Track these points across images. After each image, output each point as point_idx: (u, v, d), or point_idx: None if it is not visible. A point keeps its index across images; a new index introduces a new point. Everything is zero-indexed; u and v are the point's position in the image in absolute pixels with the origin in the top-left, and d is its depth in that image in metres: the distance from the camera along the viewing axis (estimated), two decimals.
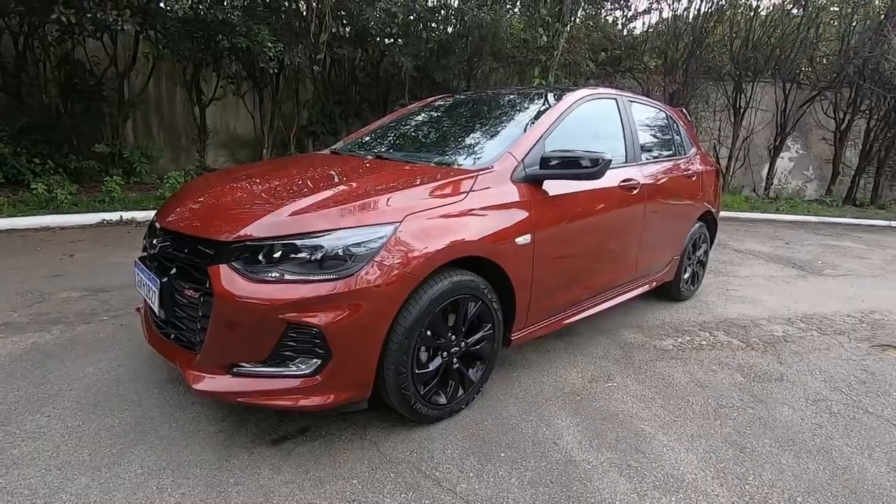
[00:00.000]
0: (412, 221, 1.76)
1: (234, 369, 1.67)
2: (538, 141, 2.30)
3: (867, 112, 10.74)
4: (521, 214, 2.11)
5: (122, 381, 2.19)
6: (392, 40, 8.02)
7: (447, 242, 1.81)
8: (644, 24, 11.22)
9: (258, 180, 2.11)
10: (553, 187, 2.27)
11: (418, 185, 1.93)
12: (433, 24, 8.23)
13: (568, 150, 2.17)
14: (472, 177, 2.04)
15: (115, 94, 7.10)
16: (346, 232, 1.65)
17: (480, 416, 2.07)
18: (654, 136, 3.30)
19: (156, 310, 1.84)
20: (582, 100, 2.67)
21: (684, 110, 3.80)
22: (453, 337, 1.95)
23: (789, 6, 10.07)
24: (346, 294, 1.60)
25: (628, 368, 2.60)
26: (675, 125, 3.56)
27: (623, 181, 2.72)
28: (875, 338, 3.25)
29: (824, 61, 10.74)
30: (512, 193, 2.11)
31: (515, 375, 2.44)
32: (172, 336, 1.89)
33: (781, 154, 11.23)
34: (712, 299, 3.89)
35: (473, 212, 1.95)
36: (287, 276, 1.60)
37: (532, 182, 2.20)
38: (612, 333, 3.05)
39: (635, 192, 2.80)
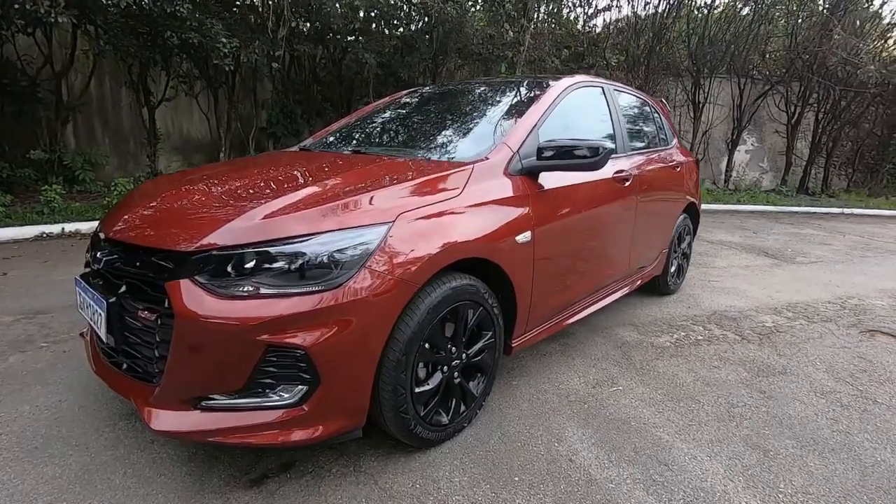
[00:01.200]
0: (406, 221, 1.54)
1: (203, 403, 1.40)
2: (532, 130, 2.13)
3: (815, 105, 11.22)
4: (520, 210, 1.92)
5: (65, 419, 1.87)
6: (354, 38, 7.73)
7: (446, 243, 1.60)
8: (605, 20, 11.35)
9: (218, 181, 1.84)
10: (548, 180, 2.09)
11: (410, 179, 1.72)
12: (395, 22, 8.00)
13: (566, 140, 2.00)
14: (467, 170, 1.84)
15: (52, 95, 6.51)
16: (330, 236, 1.42)
17: (485, 434, 1.87)
18: (639, 127, 3.20)
19: (102, 335, 1.55)
20: (571, 87, 2.52)
21: (663, 101, 3.74)
22: (453, 349, 1.75)
23: (740, 4, 10.38)
24: (333, 308, 1.37)
25: (630, 370, 2.46)
26: (656, 115, 3.48)
27: (616, 172, 2.58)
28: (861, 323, 3.25)
29: (775, 56, 11.15)
30: (509, 187, 1.92)
31: (516, 384, 2.26)
32: (125, 366, 1.60)
33: (738, 147, 11.57)
34: (697, 292, 3.84)
35: (472, 208, 1.75)
36: (263, 290, 1.36)
37: (528, 175, 2.02)
38: (607, 332, 2.92)
39: (627, 183, 2.67)
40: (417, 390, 1.63)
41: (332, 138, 2.71)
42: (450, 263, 1.62)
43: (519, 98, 2.47)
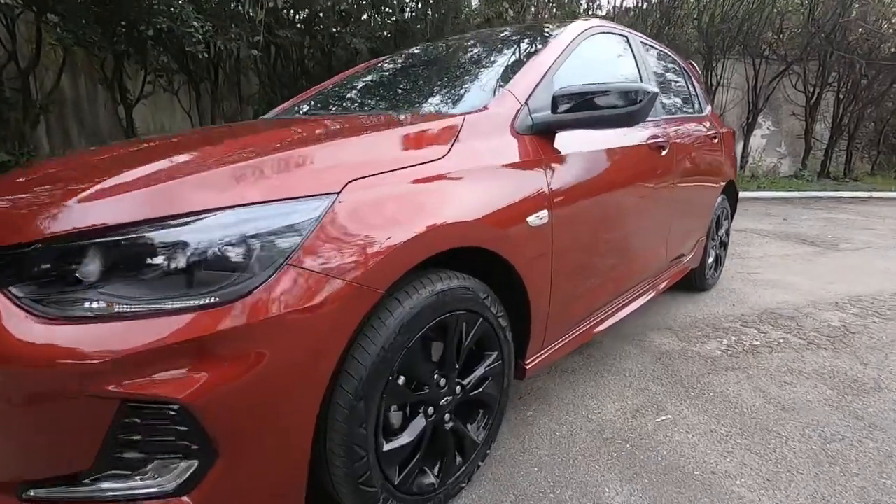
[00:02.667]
0: (360, 192, 1.00)
1: (30, 494, 0.87)
2: (545, 76, 1.58)
3: (835, 85, 10.58)
4: (532, 181, 1.38)
5: None
6: (342, 25, 7.21)
7: (426, 227, 1.06)
8: (608, 2, 10.77)
9: (90, 158, 1.29)
10: (567, 143, 1.55)
11: (369, 133, 1.18)
12: (388, 10, 7.47)
13: (589, 85, 1.46)
14: (455, 121, 1.30)
15: (19, 94, 6.04)
16: (232, 214, 0.88)
17: (493, 498, 1.33)
18: (672, 88, 2.64)
19: None
20: (589, 32, 1.97)
21: (694, 63, 3.19)
22: (442, 380, 1.21)
23: None
24: (235, 333, 0.83)
25: (677, 390, 1.91)
26: (688, 77, 2.92)
27: (651, 139, 2.04)
28: None
29: (791, 34, 10.52)
30: (516, 149, 1.38)
31: (531, 417, 1.71)
32: None
33: (754, 132, 10.95)
34: (738, 286, 3.27)
35: (463, 176, 1.21)
36: (120, 308, 0.82)
37: (541, 135, 1.48)
38: (639, 340, 2.37)
39: (664, 153, 2.12)
40: (387, 447, 1.09)
41: (294, 109, 2.18)
42: (432, 257, 1.09)
43: (524, 45, 1.93)
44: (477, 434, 1.35)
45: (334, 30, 7.21)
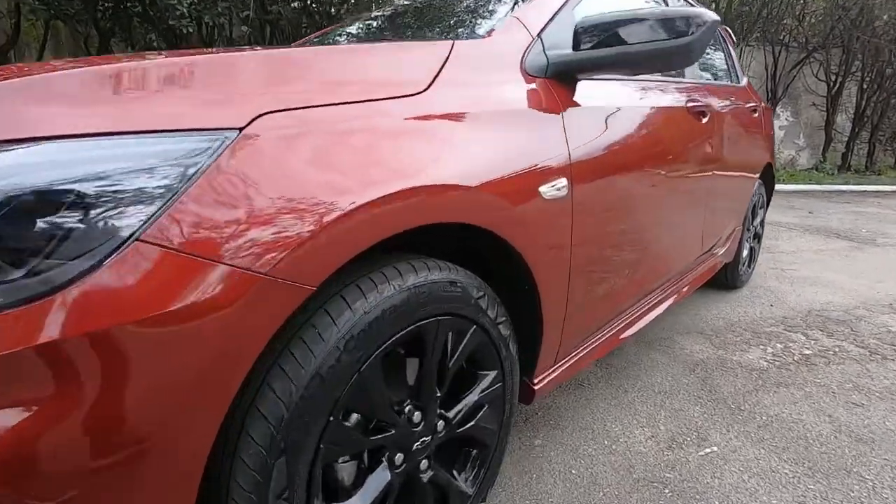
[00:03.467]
0: (278, 131, 0.64)
1: None
2: (565, 5, 1.20)
3: (858, 74, 10.08)
4: (547, 138, 1.01)
5: None
6: (339, 9, 6.81)
7: (385, 190, 0.70)
8: None
9: None
10: (591, 95, 1.18)
11: (309, 56, 0.81)
12: None
13: (621, 11, 1.08)
14: (441, 48, 0.93)
15: None
16: (56, 149, 0.52)
17: None
18: (707, 53, 2.25)
19: None
20: None
21: (728, 29, 2.80)
22: (416, 414, 0.84)
23: None
24: (43, 352, 0.47)
25: (721, 411, 1.54)
26: (725, 43, 2.53)
27: (690, 102, 1.66)
28: None
29: (813, 19, 10.03)
30: (525, 94, 1.01)
31: (540, 447, 1.35)
32: None
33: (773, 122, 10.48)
34: (773, 283, 2.89)
35: (449, 120, 0.84)
36: None
37: (558, 80, 1.11)
38: (666, 346, 2.00)
39: (704, 120, 1.74)
40: None
41: None
42: (398, 236, 0.73)
43: None
44: (468, 482, 0.99)
45: (332, 10, 6.82)
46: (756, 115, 2.44)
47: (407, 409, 0.84)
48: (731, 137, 2.01)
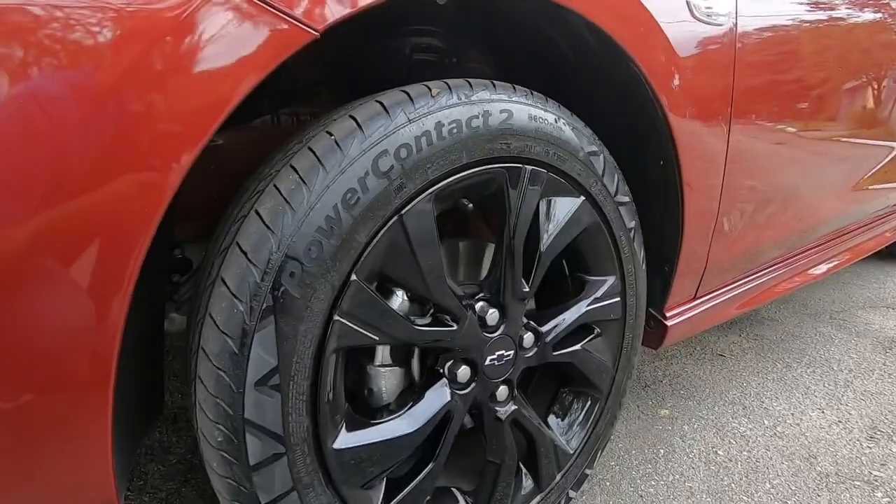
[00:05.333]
0: None
1: None
2: None
3: None
4: None
5: None
6: None
7: None
8: None
9: None
10: None
11: None
12: None
13: None
14: None
15: None
16: None
17: None
18: None
19: None
20: None
21: None
22: (492, 313, 0.57)
23: None
24: None
25: None
26: None
27: None
28: None
29: None
30: None
31: (667, 419, 1.00)
32: None
33: None
34: None
35: None
36: None
37: None
38: (842, 320, 1.49)
39: None
40: (350, 440, 0.48)
41: None
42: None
43: None
44: (568, 437, 0.69)
45: None
46: None
47: (479, 304, 0.57)
48: None
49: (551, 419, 0.69)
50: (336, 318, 0.44)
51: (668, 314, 0.82)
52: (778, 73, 0.80)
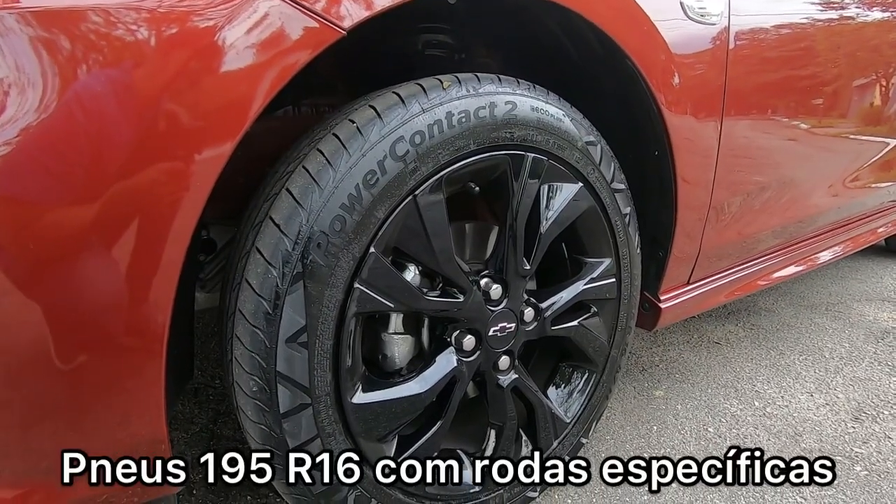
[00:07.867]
0: None
1: None
2: None
3: None
4: None
5: None
6: None
7: None
8: None
9: None
10: None
11: None
12: None
13: None
14: None
15: None
16: None
17: None
18: None
19: None
20: None
21: None
22: (495, 288, 0.62)
23: None
24: None
25: None
26: None
27: None
28: None
29: None
30: None
31: (661, 399, 1.05)
32: None
33: None
34: None
35: None
36: None
37: None
38: (838, 311, 1.53)
39: None
40: (369, 397, 0.54)
41: None
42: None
43: None
44: (564, 407, 0.74)
45: None
46: None
47: (483, 280, 0.62)
48: None
49: (550, 390, 0.75)
50: (356, 285, 0.50)
51: (662, 297, 0.87)
52: (769, 71, 0.84)
